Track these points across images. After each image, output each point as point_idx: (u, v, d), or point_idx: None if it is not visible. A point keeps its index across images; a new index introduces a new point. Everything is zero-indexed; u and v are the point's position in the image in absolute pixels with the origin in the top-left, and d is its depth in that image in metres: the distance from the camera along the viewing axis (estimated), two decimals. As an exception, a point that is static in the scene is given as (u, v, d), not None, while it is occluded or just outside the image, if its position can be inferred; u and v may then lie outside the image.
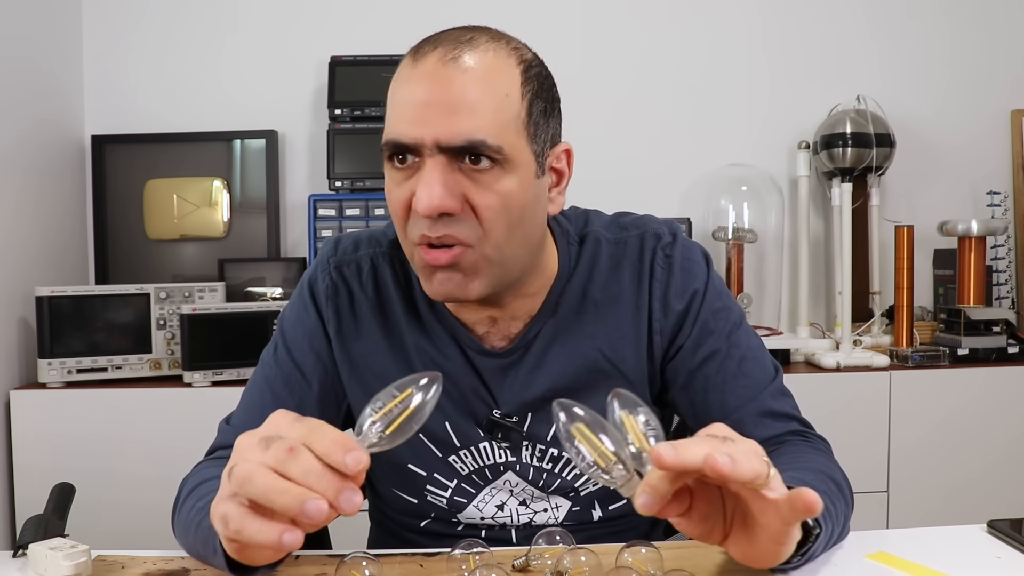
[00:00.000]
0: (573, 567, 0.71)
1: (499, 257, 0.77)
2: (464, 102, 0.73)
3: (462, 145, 0.73)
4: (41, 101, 2.04)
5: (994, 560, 0.77)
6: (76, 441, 1.79)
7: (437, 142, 0.73)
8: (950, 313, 2.10)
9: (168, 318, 1.91)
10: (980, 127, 2.37)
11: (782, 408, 0.89)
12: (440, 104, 0.73)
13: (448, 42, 0.75)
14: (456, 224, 0.75)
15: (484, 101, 0.74)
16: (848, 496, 0.81)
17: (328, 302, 0.89)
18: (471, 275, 0.77)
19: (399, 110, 0.75)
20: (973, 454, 1.97)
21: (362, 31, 2.27)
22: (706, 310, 0.87)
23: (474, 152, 0.73)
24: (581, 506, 0.93)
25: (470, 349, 0.87)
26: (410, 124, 0.73)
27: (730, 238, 2.17)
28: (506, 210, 0.76)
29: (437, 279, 0.77)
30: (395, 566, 0.77)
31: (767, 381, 0.89)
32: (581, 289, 0.87)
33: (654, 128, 2.32)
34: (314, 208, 2.02)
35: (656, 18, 2.32)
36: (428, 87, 0.73)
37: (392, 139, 0.75)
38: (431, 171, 0.73)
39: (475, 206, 0.75)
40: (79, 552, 0.75)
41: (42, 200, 2.02)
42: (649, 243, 0.88)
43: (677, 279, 0.87)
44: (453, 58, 0.74)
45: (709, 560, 0.77)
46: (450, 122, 0.72)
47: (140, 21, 2.25)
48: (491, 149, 0.73)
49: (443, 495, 0.92)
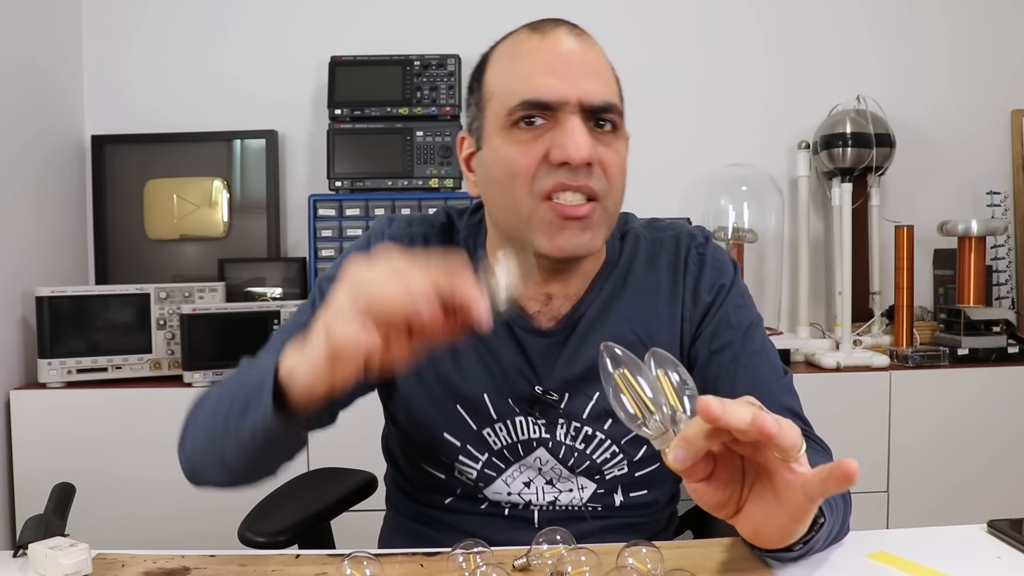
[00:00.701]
0: (573, 567, 0.71)
1: (613, 213, 0.86)
2: (598, 68, 0.84)
3: (600, 105, 0.81)
4: (41, 101, 2.04)
5: (994, 560, 0.77)
6: (76, 441, 1.79)
7: (580, 100, 0.80)
8: (950, 313, 2.10)
9: (168, 318, 1.91)
10: (980, 127, 2.37)
11: (788, 403, 0.91)
12: (582, 66, 0.82)
13: (564, 24, 0.85)
14: (592, 176, 0.81)
15: (609, 72, 0.86)
16: (847, 496, 0.82)
17: None
18: (596, 230, 0.84)
19: (535, 73, 0.81)
20: (973, 454, 1.97)
21: (362, 31, 2.27)
22: (728, 304, 0.93)
23: (606, 113, 0.82)
24: (605, 489, 0.95)
25: (519, 328, 0.91)
26: (555, 83, 0.80)
27: (730, 238, 2.17)
28: (621, 170, 0.85)
29: (568, 233, 0.82)
30: (395, 566, 0.77)
31: (776, 377, 0.93)
32: (623, 277, 0.94)
33: (654, 128, 2.32)
34: (314, 208, 2.02)
35: (656, 18, 2.33)
36: (568, 52, 0.82)
37: (532, 98, 0.80)
38: (576, 124, 0.80)
39: (604, 162, 0.82)
40: (79, 551, 0.75)
41: (42, 200, 2.02)
42: (684, 241, 0.96)
43: (707, 274, 0.94)
44: (579, 34, 0.84)
45: (709, 560, 0.77)
46: (592, 83, 0.81)
47: (140, 21, 2.25)
48: (617, 113, 0.84)
49: (473, 467, 0.93)
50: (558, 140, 0.80)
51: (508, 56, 0.85)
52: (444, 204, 1.95)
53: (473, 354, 0.91)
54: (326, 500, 1.19)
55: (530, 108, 0.80)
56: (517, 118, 0.81)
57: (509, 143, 0.82)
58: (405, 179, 2.05)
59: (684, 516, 1.23)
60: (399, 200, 2.02)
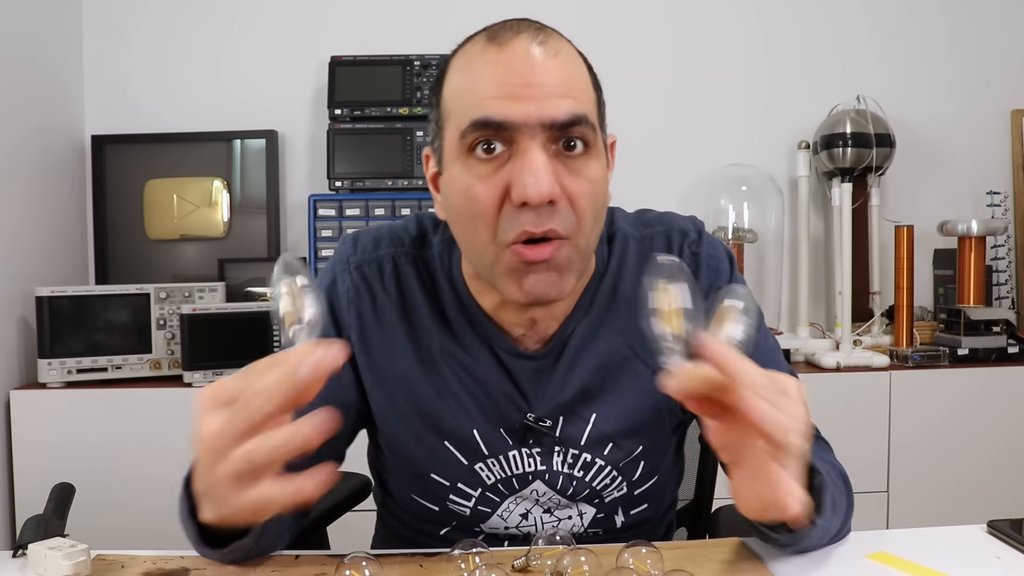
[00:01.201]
0: (573, 567, 0.71)
1: (586, 249, 0.77)
2: (563, 80, 0.73)
3: (565, 120, 0.72)
4: (41, 101, 2.04)
5: (994, 560, 0.77)
6: (76, 441, 1.79)
7: (541, 121, 0.71)
8: (950, 313, 2.10)
9: (168, 318, 1.91)
10: (980, 127, 2.37)
11: None
12: (543, 83, 0.72)
13: (527, 29, 0.75)
14: (556, 215, 0.72)
15: (578, 81, 0.75)
16: (850, 495, 0.82)
17: (350, 305, 0.86)
18: (564, 271, 0.75)
19: (488, 90, 0.72)
20: (973, 454, 1.97)
21: (362, 31, 2.27)
22: None
23: (575, 130, 0.72)
24: (605, 512, 0.91)
25: (504, 352, 0.84)
26: (508, 102, 0.71)
27: (730, 238, 2.17)
28: (594, 197, 0.75)
29: (531, 279, 0.74)
30: (395, 566, 0.77)
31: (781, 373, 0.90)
32: (612, 287, 0.86)
33: (654, 128, 2.32)
34: (314, 208, 2.02)
35: (656, 19, 2.33)
36: (525, 66, 0.72)
37: (484, 117, 0.71)
38: (536, 155, 0.71)
39: (572, 194, 0.73)
40: (79, 551, 0.75)
41: (42, 200, 2.02)
42: (676, 240, 0.88)
43: (703, 277, 0.87)
44: (542, 41, 0.74)
45: (709, 560, 0.77)
46: (552, 99, 0.71)
47: (140, 21, 2.25)
48: (589, 127, 0.74)
49: (467, 504, 0.89)
50: (517, 175, 0.71)
51: (463, 70, 0.75)
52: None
53: (458, 386, 0.85)
54: (323, 505, 1.18)
55: (484, 131, 0.72)
56: (472, 142, 0.73)
57: (467, 173, 0.74)
58: (405, 179, 2.05)
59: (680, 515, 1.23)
60: (399, 200, 2.02)
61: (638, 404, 0.85)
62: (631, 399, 0.84)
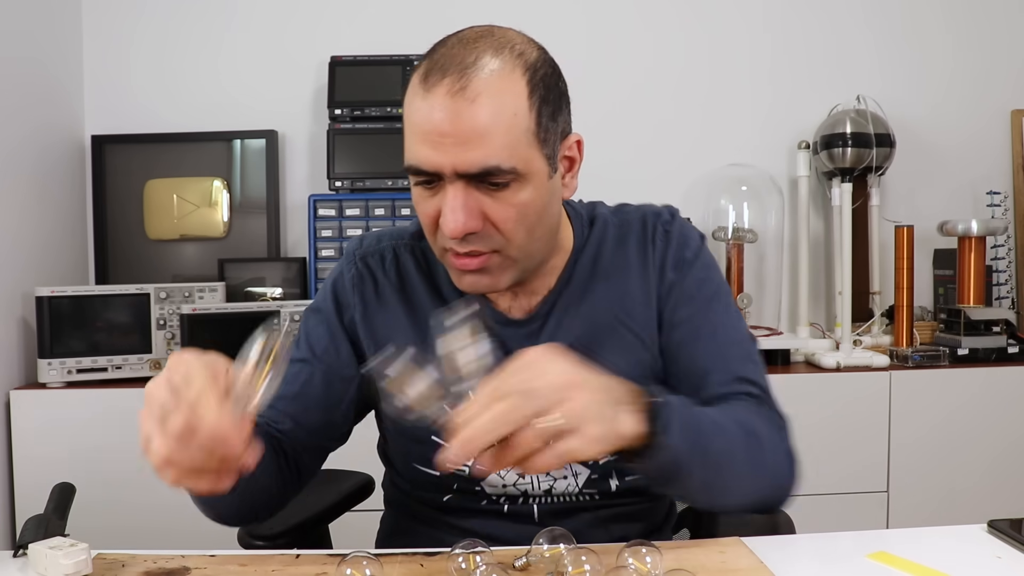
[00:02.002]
0: (573, 567, 0.71)
1: (523, 254, 0.85)
2: (475, 132, 0.77)
3: (478, 172, 0.78)
4: (41, 101, 2.04)
5: (994, 560, 0.77)
6: (76, 441, 1.79)
7: (455, 170, 0.78)
8: (950, 313, 2.10)
9: (168, 318, 1.91)
10: (980, 127, 2.37)
11: (746, 373, 0.93)
12: (453, 135, 0.77)
13: (454, 68, 0.79)
14: (480, 239, 0.82)
15: (494, 127, 0.78)
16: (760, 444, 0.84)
17: (354, 290, 0.96)
18: (498, 274, 0.85)
19: (416, 137, 0.80)
20: (973, 454, 1.97)
21: (362, 31, 2.27)
22: (691, 277, 0.95)
23: (489, 176, 0.79)
24: (599, 474, 0.94)
25: (494, 322, 0.92)
26: (429, 153, 0.79)
27: (730, 238, 2.17)
28: (523, 218, 0.82)
29: (467, 280, 0.86)
30: (395, 566, 0.77)
31: (736, 347, 0.94)
32: (592, 261, 0.95)
33: (654, 128, 2.32)
34: (314, 208, 2.02)
35: (656, 19, 2.32)
36: (440, 119, 0.78)
37: (414, 166, 0.81)
38: (453, 197, 0.79)
39: (495, 220, 0.81)
40: (79, 551, 0.75)
41: (42, 200, 2.02)
42: (650, 220, 0.97)
43: (673, 250, 0.95)
44: (461, 88, 0.78)
45: (709, 560, 0.77)
46: (464, 151, 0.78)
47: (140, 21, 2.25)
48: (505, 172, 0.79)
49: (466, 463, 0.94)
50: (442, 208, 0.81)
51: (408, 100, 0.83)
52: None
53: None
54: (324, 502, 1.18)
55: (415, 174, 0.82)
56: (413, 180, 0.83)
57: (416, 193, 0.84)
58: (405, 179, 2.04)
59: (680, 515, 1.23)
60: (399, 200, 2.02)
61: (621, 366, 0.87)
62: (616, 360, 0.88)
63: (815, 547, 0.85)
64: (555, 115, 0.84)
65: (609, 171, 2.24)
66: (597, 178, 2.12)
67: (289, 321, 1.73)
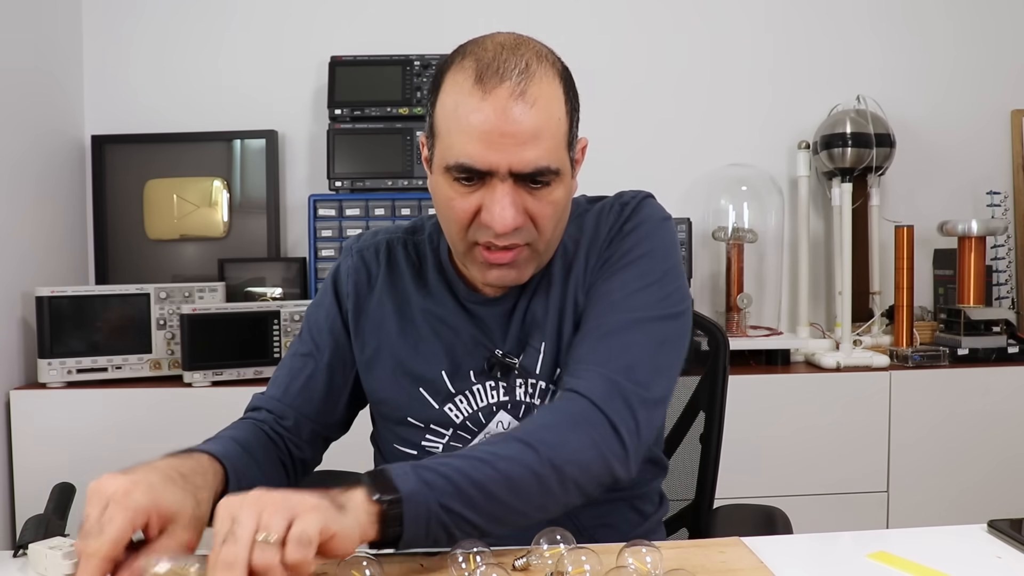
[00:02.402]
0: (573, 567, 0.71)
1: (547, 248, 0.92)
2: (532, 134, 0.83)
3: (531, 172, 0.83)
4: (41, 101, 2.04)
5: (994, 560, 0.77)
6: (76, 441, 1.79)
7: (511, 169, 0.83)
8: (950, 313, 2.10)
9: (168, 318, 1.91)
10: (980, 127, 2.37)
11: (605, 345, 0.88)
12: (514, 136, 0.82)
13: (512, 76, 0.83)
14: (518, 234, 0.86)
15: (547, 131, 0.84)
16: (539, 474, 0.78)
17: (349, 279, 1.02)
18: (523, 268, 0.90)
19: (470, 137, 0.83)
20: (973, 454, 1.97)
21: (362, 31, 2.27)
22: (621, 246, 0.94)
23: (539, 177, 0.84)
24: None
25: (470, 302, 0.98)
26: (484, 151, 0.82)
27: (730, 238, 2.17)
28: (556, 216, 0.89)
29: (494, 273, 0.89)
30: (395, 566, 0.77)
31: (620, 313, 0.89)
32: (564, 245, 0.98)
33: (654, 128, 2.32)
34: (314, 208, 2.02)
35: (657, 19, 2.32)
36: (503, 121, 0.82)
37: (466, 163, 0.83)
38: (504, 195, 0.84)
39: (534, 216, 0.86)
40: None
41: (42, 200, 2.02)
42: (613, 200, 1.00)
43: (621, 221, 0.96)
44: (521, 93, 0.82)
45: (709, 560, 0.77)
46: (521, 151, 0.82)
47: (140, 21, 2.25)
48: (551, 172, 0.85)
49: (439, 442, 0.99)
50: (488, 204, 0.84)
51: (453, 99, 0.84)
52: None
53: (432, 336, 0.98)
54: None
55: (464, 171, 0.84)
56: (455, 176, 0.85)
57: (448, 188, 0.87)
58: (405, 179, 2.05)
59: (679, 515, 1.23)
60: (399, 200, 2.02)
61: None
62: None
63: (815, 547, 0.85)
64: (577, 119, 0.91)
65: (609, 171, 2.24)
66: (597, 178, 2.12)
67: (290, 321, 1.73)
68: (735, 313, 2.13)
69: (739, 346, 2.04)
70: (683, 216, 2.13)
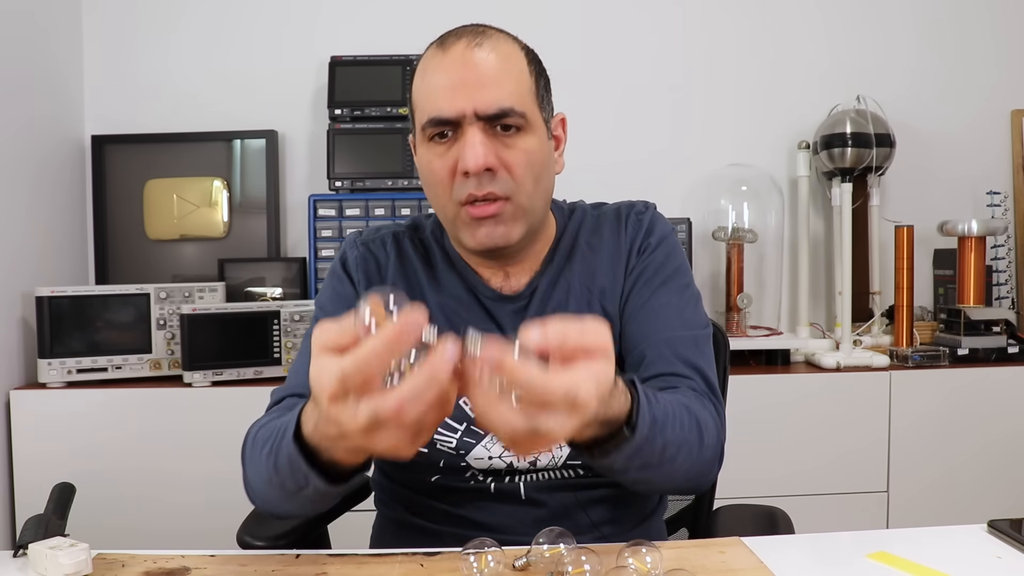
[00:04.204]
0: (573, 567, 0.71)
1: (529, 205, 0.93)
2: (493, 77, 0.88)
3: (495, 112, 0.88)
4: (41, 101, 2.04)
5: (994, 560, 0.77)
6: (76, 441, 1.79)
7: (475, 111, 0.87)
8: (950, 313, 2.10)
9: (168, 318, 1.91)
10: (980, 127, 2.37)
11: (688, 354, 0.95)
12: (475, 80, 0.88)
13: (468, 34, 0.91)
14: (496, 181, 0.89)
15: (507, 76, 0.90)
16: (696, 431, 0.84)
17: (358, 269, 1.03)
18: (511, 223, 0.92)
19: (437, 91, 0.89)
20: (973, 454, 1.97)
21: (362, 31, 2.27)
22: (653, 260, 1.01)
23: (504, 118, 0.88)
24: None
25: (486, 298, 1.00)
26: (451, 99, 0.88)
27: (730, 238, 2.17)
28: (531, 165, 0.91)
29: (482, 231, 0.91)
30: (395, 566, 0.77)
31: (684, 331, 0.98)
32: (571, 243, 1.03)
33: (654, 128, 2.32)
34: (314, 208, 2.02)
35: (657, 19, 2.32)
36: (462, 67, 0.88)
37: (435, 116, 0.89)
38: (473, 136, 0.88)
39: (508, 164, 0.90)
40: (79, 551, 0.75)
41: (42, 200, 2.02)
42: (625, 210, 1.05)
43: (641, 235, 1.02)
44: (478, 44, 0.90)
45: (709, 560, 0.77)
46: (484, 94, 0.87)
47: (140, 21, 2.25)
48: (517, 114, 0.89)
49: (452, 436, 0.97)
50: (461, 151, 0.88)
51: (421, 72, 0.93)
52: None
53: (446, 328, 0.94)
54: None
55: (437, 125, 0.89)
56: (431, 134, 0.90)
57: (429, 154, 0.92)
58: (405, 179, 2.05)
59: (679, 515, 1.23)
60: (399, 200, 2.02)
61: None
62: None
63: (815, 547, 0.85)
64: (547, 89, 0.96)
65: (609, 171, 2.25)
66: (598, 178, 2.13)
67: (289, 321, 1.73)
68: (735, 313, 2.13)
69: (739, 346, 2.04)
70: (683, 216, 2.13)
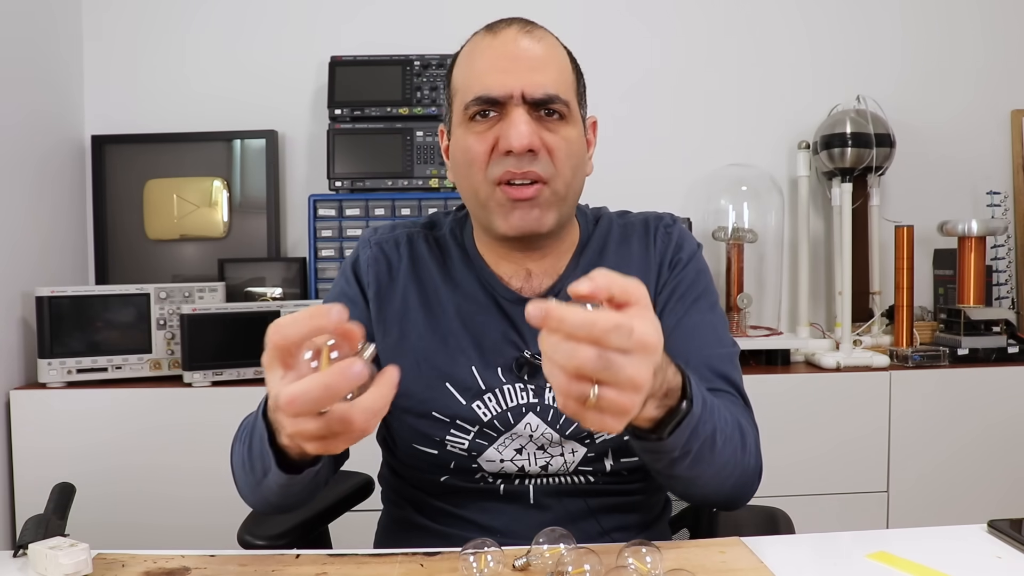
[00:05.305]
0: (573, 567, 0.71)
1: (565, 193, 0.93)
2: (543, 62, 0.91)
3: (542, 97, 0.89)
4: (41, 101, 2.04)
5: (994, 560, 0.77)
6: (76, 441, 1.79)
7: (523, 93, 0.89)
8: (950, 313, 2.10)
9: (168, 318, 1.91)
10: (980, 127, 2.37)
11: (725, 370, 0.97)
12: (525, 61, 0.90)
13: (518, 23, 0.93)
14: (537, 162, 0.90)
15: (555, 65, 0.92)
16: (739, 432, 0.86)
17: (369, 269, 1.02)
18: (545, 209, 0.92)
19: (485, 72, 0.90)
20: (973, 454, 1.97)
21: (362, 31, 2.27)
22: (685, 277, 1.01)
23: (549, 104, 0.90)
24: (595, 453, 0.97)
25: (504, 299, 0.98)
26: (500, 80, 0.89)
27: (730, 238, 2.17)
28: (570, 153, 0.92)
29: (517, 214, 0.91)
30: (395, 566, 0.77)
31: (719, 347, 0.99)
32: (597, 253, 1.02)
33: (654, 128, 2.32)
34: (314, 208, 2.02)
35: (657, 19, 2.32)
36: (514, 50, 0.90)
37: (483, 94, 0.90)
38: (520, 116, 0.89)
39: (549, 147, 0.90)
40: (79, 551, 0.75)
41: (42, 200, 2.02)
42: (652, 222, 1.05)
43: (672, 250, 1.03)
44: (528, 31, 0.92)
45: (709, 560, 0.77)
46: (533, 77, 0.89)
47: (140, 21, 2.25)
48: (561, 102, 0.91)
49: (464, 438, 0.96)
50: (504, 130, 0.89)
51: (467, 55, 0.94)
52: (444, 204, 1.99)
53: (462, 331, 0.97)
54: (324, 502, 1.19)
55: (481, 103, 0.90)
56: (473, 112, 0.91)
57: (468, 134, 0.92)
58: (405, 179, 2.05)
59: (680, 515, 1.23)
60: (399, 200, 2.02)
61: None
62: None
63: (815, 547, 0.85)
64: (584, 88, 0.98)
65: (609, 171, 2.24)
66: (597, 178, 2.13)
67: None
68: (735, 313, 2.13)
69: (739, 346, 2.04)
70: (683, 216, 2.13)
